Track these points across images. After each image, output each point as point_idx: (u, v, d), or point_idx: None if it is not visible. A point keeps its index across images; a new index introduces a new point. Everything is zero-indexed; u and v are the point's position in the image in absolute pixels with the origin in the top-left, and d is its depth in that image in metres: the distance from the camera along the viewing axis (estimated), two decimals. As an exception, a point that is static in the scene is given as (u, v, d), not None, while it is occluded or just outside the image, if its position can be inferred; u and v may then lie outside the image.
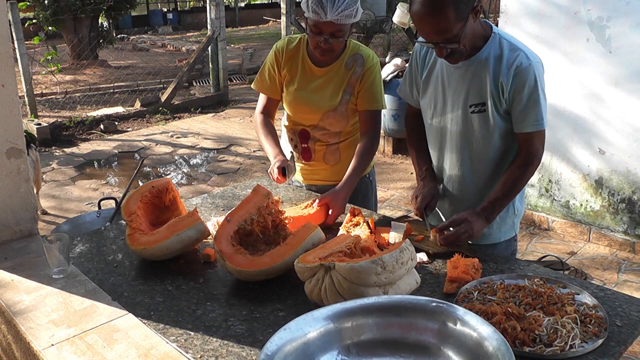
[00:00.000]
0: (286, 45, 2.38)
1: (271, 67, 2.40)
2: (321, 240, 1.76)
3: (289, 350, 1.18)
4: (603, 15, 3.87)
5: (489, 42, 1.89)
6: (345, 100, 2.32)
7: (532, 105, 1.85)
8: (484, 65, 1.88)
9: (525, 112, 1.87)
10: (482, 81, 1.90)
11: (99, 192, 5.57)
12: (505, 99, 1.88)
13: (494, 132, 1.94)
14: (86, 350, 1.42)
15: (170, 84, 9.03)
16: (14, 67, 2.02)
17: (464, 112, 1.96)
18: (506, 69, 1.85)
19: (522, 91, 1.84)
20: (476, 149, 2.00)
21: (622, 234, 4.13)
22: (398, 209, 4.98)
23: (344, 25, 2.14)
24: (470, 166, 2.04)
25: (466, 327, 1.19)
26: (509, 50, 1.86)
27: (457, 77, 1.96)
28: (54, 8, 11.03)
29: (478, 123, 1.95)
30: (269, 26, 20.16)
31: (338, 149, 2.44)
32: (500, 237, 2.11)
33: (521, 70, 1.83)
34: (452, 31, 1.73)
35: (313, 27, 2.15)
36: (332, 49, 2.21)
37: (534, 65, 1.84)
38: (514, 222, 2.13)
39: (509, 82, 1.85)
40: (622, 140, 3.97)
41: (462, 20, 1.73)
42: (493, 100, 1.90)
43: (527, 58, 1.85)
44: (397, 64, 6.00)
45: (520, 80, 1.84)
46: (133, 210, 1.91)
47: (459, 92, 1.96)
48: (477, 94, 1.92)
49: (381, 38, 11.48)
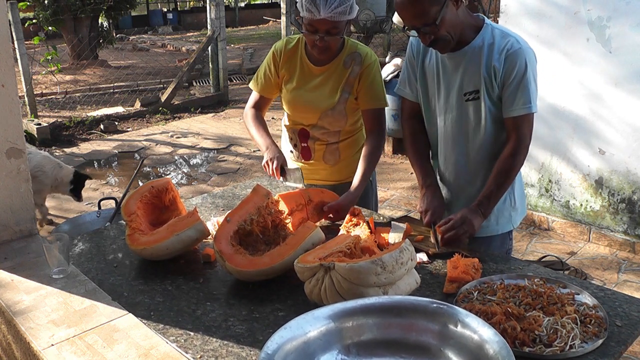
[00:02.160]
0: (284, 45, 2.38)
1: (268, 67, 2.40)
2: (321, 240, 1.76)
3: (290, 349, 1.18)
4: (603, 15, 3.87)
5: (482, 31, 1.94)
6: (343, 98, 2.32)
7: (522, 88, 1.90)
8: (478, 53, 1.93)
9: (515, 94, 1.90)
10: (475, 69, 1.94)
11: (99, 192, 5.57)
12: (498, 83, 1.92)
13: (487, 120, 1.98)
14: (86, 350, 1.41)
15: (170, 84, 9.03)
16: (14, 67, 2.02)
17: (459, 101, 2.00)
18: (497, 54, 1.90)
19: (512, 74, 1.89)
20: (472, 137, 2.03)
21: (622, 234, 4.13)
22: (398, 209, 4.98)
23: (339, 22, 2.14)
24: (466, 155, 2.06)
25: (467, 329, 1.19)
26: (500, 37, 1.92)
27: (451, 68, 1.99)
28: (54, 8, 11.03)
29: (472, 111, 1.99)
30: (269, 26, 20.16)
31: (337, 149, 2.44)
32: (498, 230, 2.11)
33: (512, 54, 1.89)
34: (429, 14, 1.79)
35: (308, 25, 2.15)
36: (329, 47, 2.21)
37: (524, 49, 1.90)
38: (511, 215, 2.13)
39: (500, 66, 1.90)
40: (622, 140, 3.96)
41: (437, 4, 1.79)
42: (486, 87, 1.93)
43: (518, 42, 1.91)
44: (397, 64, 6.00)
45: (511, 63, 1.89)
46: (133, 210, 1.91)
47: (453, 81, 1.99)
48: (471, 82, 1.96)
49: (381, 38, 11.48)
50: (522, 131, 1.94)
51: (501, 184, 1.95)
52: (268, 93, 2.46)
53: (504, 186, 1.97)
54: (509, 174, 1.95)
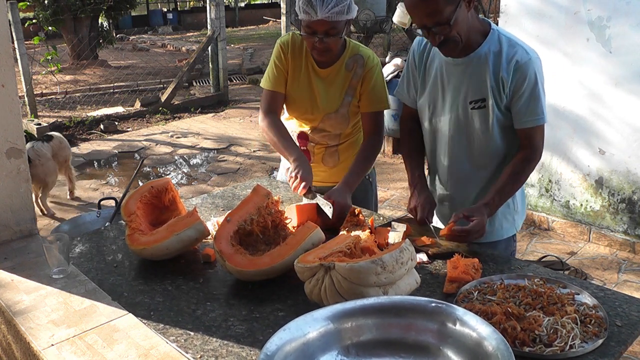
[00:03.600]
0: (291, 41, 2.31)
1: (277, 60, 2.32)
2: (321, 240, 1.76)
3: (289, 350, 1.18)
4: (603, 15, 3.87)
5: (488, 38, 1.91)
6: (346, 102, 2.31)
7: (533, 100, 1.88)
8: (484, 61, 1.90)
9: (527, 107, 1.89)
10: (482, 77, 1.91)
11: (99, 192, 5.57)
12: (506, 94, 1.90)
13: (494, 128, 1.95)
14: (86, 350, 1.42)
15: (170, 84, 9.03)
16: (14, 67, 2.02)
17: (464, 108, 1.97)
18: (506, 63, 1.87)
19: (522, 86, 1.87)
20: (477, 145, 2.01)
21: (622, 234, 4.13)
22: (398, 209, 4.98)
23: (337, 23, 2.11)
24: (471, 164, 2.05)
25: (465, 327, 1.19)
26: (507, 46, 1.89)
27: (456, 74, 1.96)
28: (54, 8, 11.03)
29: (478, 119, 1.96)
30: (269, 26, 20.16)
31: (337, 152, 2.43)
32: (502, 234, 2.11)
33: (521, 66, 1.86)
34: (443, 14, 1.75)
35: (306, 27, 2.13)
36: (329, 48, 2.18)
37: (533, 60, 1.87)
38: (514, 219, 2.13)
39: (509, 77, 1.87)
40: (622, 140, 3.97)
41: (452, 4, 1.75)
42: (494, 96, 1.91)
43: (527, 53, 1.88)
44: (397, 64, 6.00)
45: (521, 75, 1.86)
46: (133, 210, 1.91)
47: (458, 89, 1.97)
48: (477, 90, 1.93)
49: (381, 38, 11.47)
50: (534, 141, 1.93)
51: (511, 187, 1.95)
52: (281, 87, 2.34)
53: (513, 189, 1.97)
54: (519, 178, 1.95)
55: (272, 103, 2.35)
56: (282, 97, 2.35)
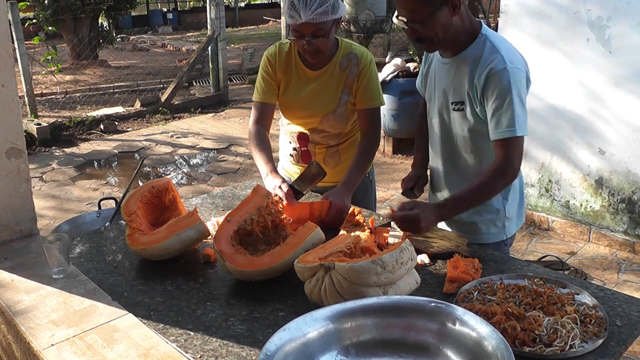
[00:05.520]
0: (278, 51, 2.32)
1: (265, 72, 2.34)
2: (321, 240, 1.76)
3: (289, 350, 1.18)
4: (603, 15, 3.87)
5: (475, 41, 1.89)
6: (343, 101, 2.31)
7: (504, 110, 1.79)
8: (465, 64, 1.89)
9: (498, 118, 1.81)
10: (461, 80, 1.91)
11: (99, 192, 5.57)
12: (479, 100, 1.87)
13: (472, 132, 1.95)
14: (86, 350, 1.42)
15: (170, 84, 9.02)
16: (14, 67, 2.02)
17: (447, 108, 1.99)
18: (481, 70, 1.83)
19: (493, 95, 1.80)
20: (458, 145, 2.02)
21: (622, 234, 4.13)
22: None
23: (323, 24, 2.10)
24: (453, 163, 2.06)
25: (465, 326, 1.19)
26: (488, 52, 1.84)
27: (444, 74, 1.98)
28: (54, 8, 11.02)
29: (458, 120, 1.97)
30: (269, 26, 20.16)
31: (338, 151, 2.43)
32: (488, 239, 2.07)
33: (494, 74, 1.79)
34: (419, 12, 1.76)
35: (294, 31, 2.14)
36: (319, 50, 2.17)
37: (510, 69, 1.78)
38: (504, 225, 2.08)
39: (480, 84, 1.84)
40: (622, 140, 3.96)
41: (430, 6, 1.75)
42: (470, 100, 1.90)
43: (504, 62, 1.79)
44: (397, 64, 6.00)
45: (492, 83, 1.80)
46: (133, 210, 1.91)
47: (444, 88, 1.99)
48: (457, 92, 1.94)
49: (381, 38, 11.46)
50: (507, 154, 1.82)
51: (471, 197, 1.86)
52: (271, 98, 2.37)
53: (474, 199, 1.88)
54: (482, 190, 1.86)
55: (260, 114, 2.38)
56: (272, 107, 2.40)
